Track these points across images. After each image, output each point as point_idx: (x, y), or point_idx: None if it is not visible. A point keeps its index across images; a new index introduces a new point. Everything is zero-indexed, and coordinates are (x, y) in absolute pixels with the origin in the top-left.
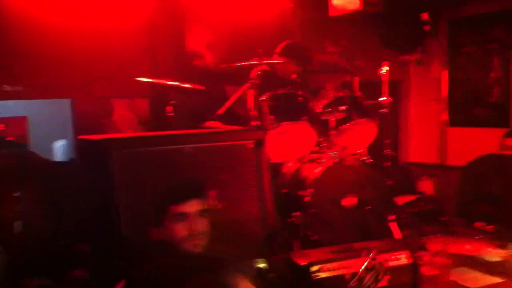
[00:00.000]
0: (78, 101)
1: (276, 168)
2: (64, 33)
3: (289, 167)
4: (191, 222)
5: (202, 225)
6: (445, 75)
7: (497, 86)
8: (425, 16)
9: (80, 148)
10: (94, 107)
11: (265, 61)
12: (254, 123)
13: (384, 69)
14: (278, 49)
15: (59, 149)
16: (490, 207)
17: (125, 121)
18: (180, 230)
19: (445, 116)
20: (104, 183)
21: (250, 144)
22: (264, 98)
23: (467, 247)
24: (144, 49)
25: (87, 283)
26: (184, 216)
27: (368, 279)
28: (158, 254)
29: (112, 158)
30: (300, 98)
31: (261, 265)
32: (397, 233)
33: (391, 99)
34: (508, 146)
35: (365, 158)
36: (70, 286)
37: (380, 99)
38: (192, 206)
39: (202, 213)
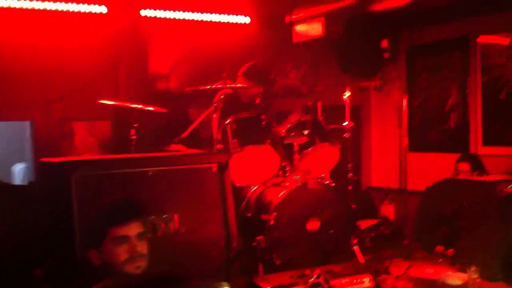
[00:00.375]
0: (38, 123)
1: (239, 192)
2: (22, 52)
3: (253, 190)
4: (132, 245)
5: (142, 247)
6: (404, 101)
7: (454, 111)
8: (384, 43)
9: (41, 170)
10: (54, 129)
11: (229, 85)
12: (218, 146)
13: (347, 94)
14: (240, 72)
15: (19, 172)
16: (448, 231)
17: (86, 144)
18: (121, 253)
19: (405, 142)
20: (63, 206)
21: (214, 167)
22: (227, 122)
23: (428, 271)
24: (106, 70)
25: None
26: (124, 239)
27: None
28: (99, 277)
29: (71, 181)
30: (264, 122)
31: None
32: (360, 257)
33: (353, 124)
34: (461, 171)
35: (328, 182)
36: None
37: (342, 124)
38: (132, 229)
39: (142, 235)
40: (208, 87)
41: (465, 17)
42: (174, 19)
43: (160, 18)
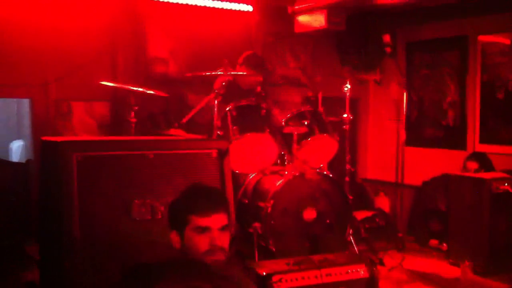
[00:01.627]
0: (36, 102)
1: (238, 179)
2: (21, 30)
3: (251, 178)
4: (213, 237)
5: (223, 241)
6: (403, 96)
7: (452, 109)
8: (386, 38)
9: (41, 149)
10: (52, 109)
11: (231, 72)
12: (218, 132)
13: (347, 86)
14: (240, 60)
15: (17, 149)
16: (442, 225)
17: (84, 124)
18: (201, 243)
19: (402, 136)
20: (62, 185)
21: (214, 153)
22: (228, 109)
23: (422, 264)
24: (104, 52)
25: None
26: (206, 230)
27: None
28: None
29: (73, 160)
30: (264, 111)
31: None
32: (354, 247)
33: (352, 116)
34: (469, 169)
35: (326, 172)
36: None
37: (342, 116)
38: (215, 221)
39: (225, 228)
40: (209, 73)
41: (465, 16)
42: (175, 3)
43: (160, 1)
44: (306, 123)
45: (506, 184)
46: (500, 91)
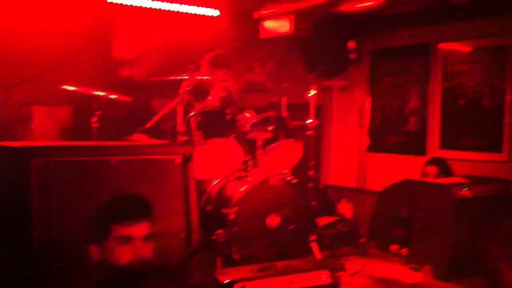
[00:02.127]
0: None
1: (201, 185)
2: None
3: (215, 184)
4: (137, 246)
5: (147, 250)
6: (367, 102)
7: (414, 115)
8: (351, 44)
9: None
10: (12, 113)
11: (196, 77)
12: (181, 138)
13: (312, 92)
14: (204, 60)
15: None
16: (403, 230)
17: (45, 129)
18: (124, 253)
19: (365, 142)
20: (21, 192)
21: (178, 159)
22: (192, 114)
23: (384, 269)
24: (68, 55)
25: None
26: (129, 239)
27: None
28: (97, 274)
29: (31, 167)
30: (229, 116)
31: None
32: (317, 253)
33: (317, 122)
34: (428, 173)
35: (290, 178)
36: None
37: (306, 122)
38: (138, 229)
39: (149, 237)
40: (176, 77)
41: (428, 24)
42: (141, 7)
43: (126, 5)
44: (271, 128)
45: (465, 189)
46: (460, 98)
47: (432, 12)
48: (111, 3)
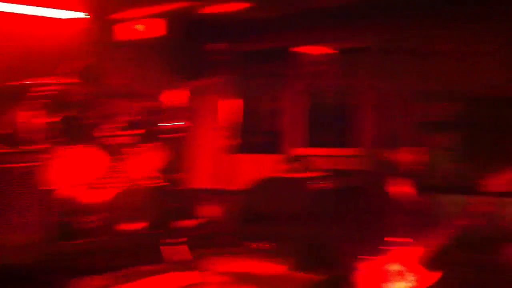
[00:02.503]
0: None
1: (59, 194)
2: None
3: (74, 192)
4: None
5: None
6: (230, 104)
7: (275, 116)
8: (218, 47)
9: None
10: None
11: (56, 82)
12: (38, 145)
13: (176, 95)
14: (68, 69)
15: None
16: (265, 226)
17: None
18: None
19: (230, 143)
20: None
21: (29, 167)
22: (52, 120)
23: (247, 265)
24: None
25: None
26: None
27: None
28: None
29: None
30: (90, 121)
31: None
32: (183, 255)
33: (182, 125)
34: (290, 170)
35: (155, 182)
36: None
37: (172, 125)
38: None
39: None
40: (34, 82)
41: (287, 29)
42: None
43: None
44: (135, 133)
45: (322, 182)
46: (319, 98)
47: (291, 18)
48: None
